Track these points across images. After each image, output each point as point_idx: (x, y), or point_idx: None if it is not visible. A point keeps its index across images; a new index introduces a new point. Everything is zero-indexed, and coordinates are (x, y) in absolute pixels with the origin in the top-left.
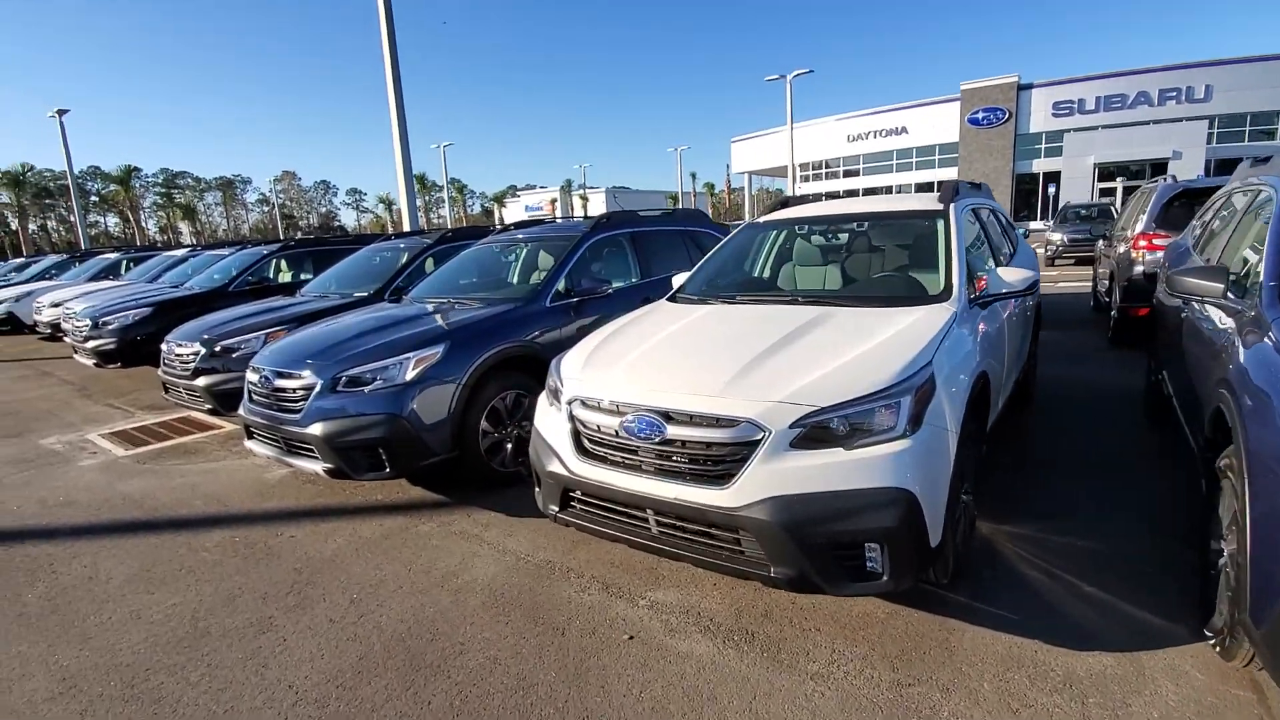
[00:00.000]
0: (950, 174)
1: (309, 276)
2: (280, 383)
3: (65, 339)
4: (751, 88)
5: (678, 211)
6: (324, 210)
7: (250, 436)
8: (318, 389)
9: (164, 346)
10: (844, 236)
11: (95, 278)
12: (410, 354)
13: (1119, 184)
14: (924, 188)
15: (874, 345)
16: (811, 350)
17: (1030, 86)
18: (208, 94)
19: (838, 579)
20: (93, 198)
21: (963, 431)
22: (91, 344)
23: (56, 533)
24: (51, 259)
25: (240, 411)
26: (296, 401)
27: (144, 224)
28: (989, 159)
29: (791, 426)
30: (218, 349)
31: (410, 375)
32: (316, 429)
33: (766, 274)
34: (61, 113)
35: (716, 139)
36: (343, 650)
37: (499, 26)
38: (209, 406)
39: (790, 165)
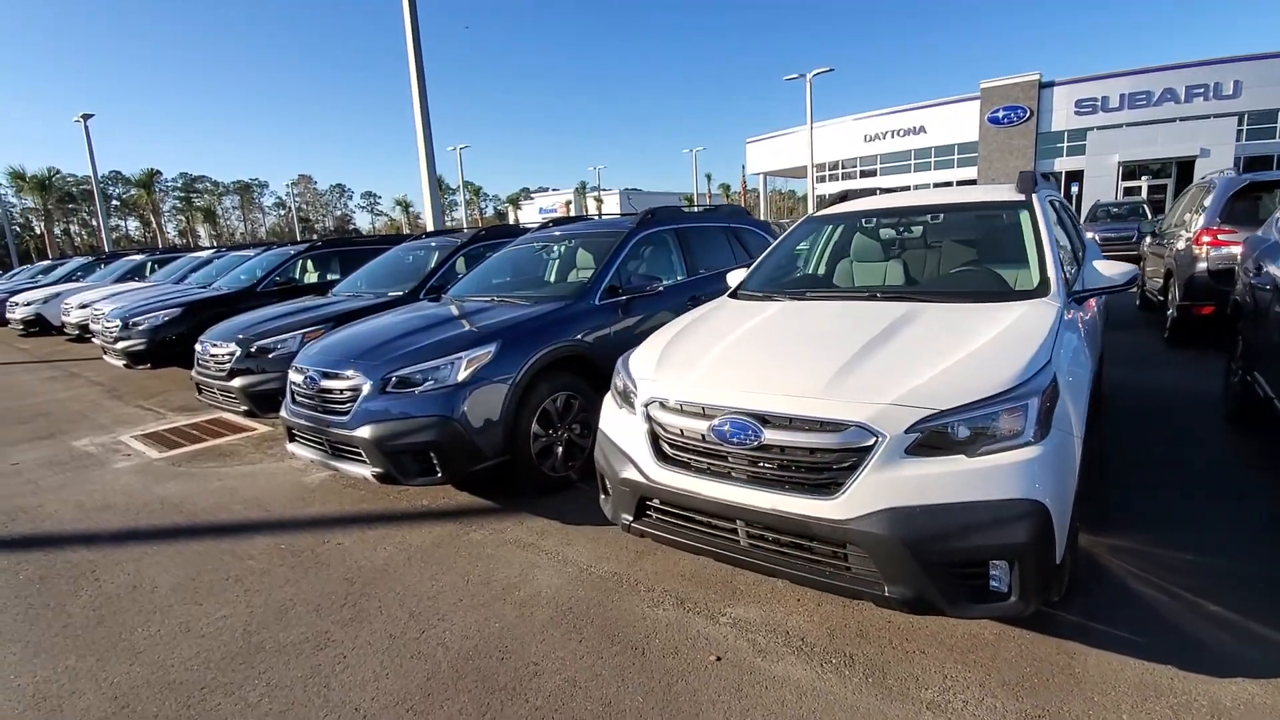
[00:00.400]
0: (970, 174)
1: (336, 277)
2: (326, 383)
3: (94, 340)
4: (767, 89)
5: (722, 208)
6: (339, 213)
7: (293, 439)
8: (366, 390)
9: (198, 347)
10: (917, 230)
11: (121, 279)
12: (462, 354)
13: (1144, 183)
14: (943, 187)
15: (984, 343)
16: (914, 349)
17: (1052, 84)
18: (225, 99)
19: (960, 600)
20: (114, 202)
21: (1086, 435)
22: (121, 345)
23: (96, 538)
24: (77, 261)
25: (282, 413)
26: (344, 403)
27: (164, 227)
28: (1009, 158)
29: (908, 431)
30: (254, 349)
31: (462, 376)
32: (365, 432)
33: (834, 270)
34: (86, 117)
35: (732, 140)
36: (408, 669)
37: (513, 30)
38: (245, 408)
39: (809, 165)
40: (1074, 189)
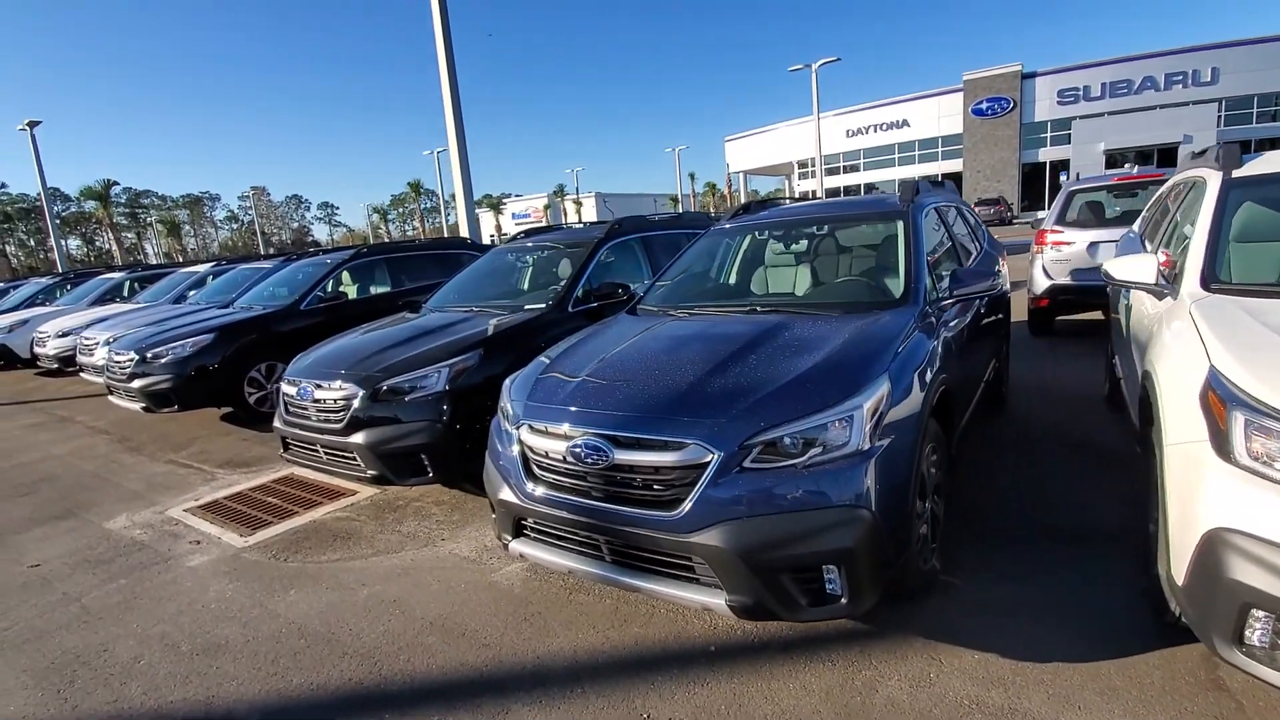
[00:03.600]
0: (955, 166)
1: (384, 289)
2: (629, 457)
3: (81, 374)
4: (751, 84)
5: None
6: (296, 225)
7: (521, 535)
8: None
9: (288, 389)
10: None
11: (99, 301)
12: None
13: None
14: (927, 180)
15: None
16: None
17: (1034, 75)
18: (165, 111)
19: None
20: (53, 220)
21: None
22: (139, 383)
23: None
24: (36, 283)
25: (500, 493)
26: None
27: (119, 243)
28: (994, 149)
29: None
30: (384, 388)
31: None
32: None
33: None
34: (33, 125)
35: (717, 137)
36: None
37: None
38: (375, 472)
39: (818, 157)
40: (1062, 177)
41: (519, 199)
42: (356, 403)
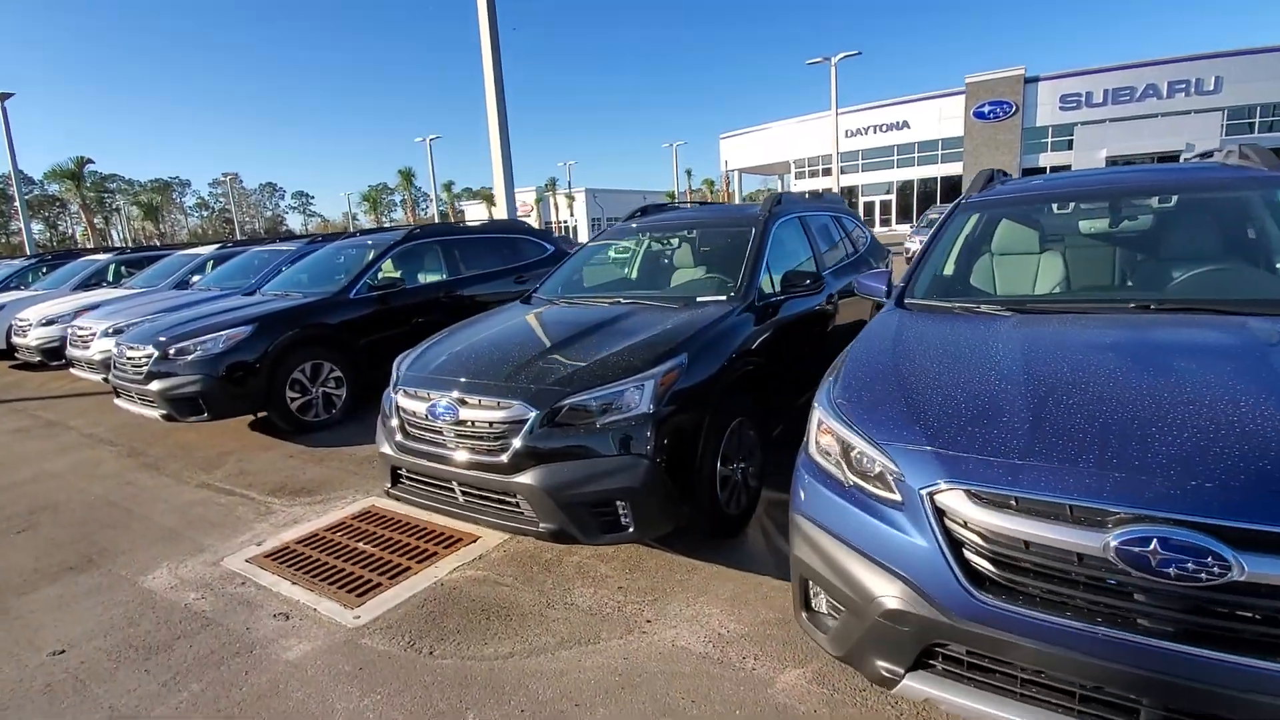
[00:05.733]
0: (955, 169)
1: (438, 277)
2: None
3: (72, 369)
4: (751, 80)
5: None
6: (269, 214)
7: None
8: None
9: (411, 403)
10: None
11: (84, 287)
12: None
13: None
14: (926, 183)
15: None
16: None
17: (1036, 79)
18: (129, 92)
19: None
20: (14, 203)
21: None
22: (159, 385)
23: None
24: (9, 265)
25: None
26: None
27: (93, 227)
28: (995, 153)
29: (553, 408)
30: (564, 408)
31: None
32: None
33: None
34: (3, 98)
35: (714, 135)
36: None
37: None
38: (552, 527)
39: (834, 154)
40: None
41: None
42: (526, 429)
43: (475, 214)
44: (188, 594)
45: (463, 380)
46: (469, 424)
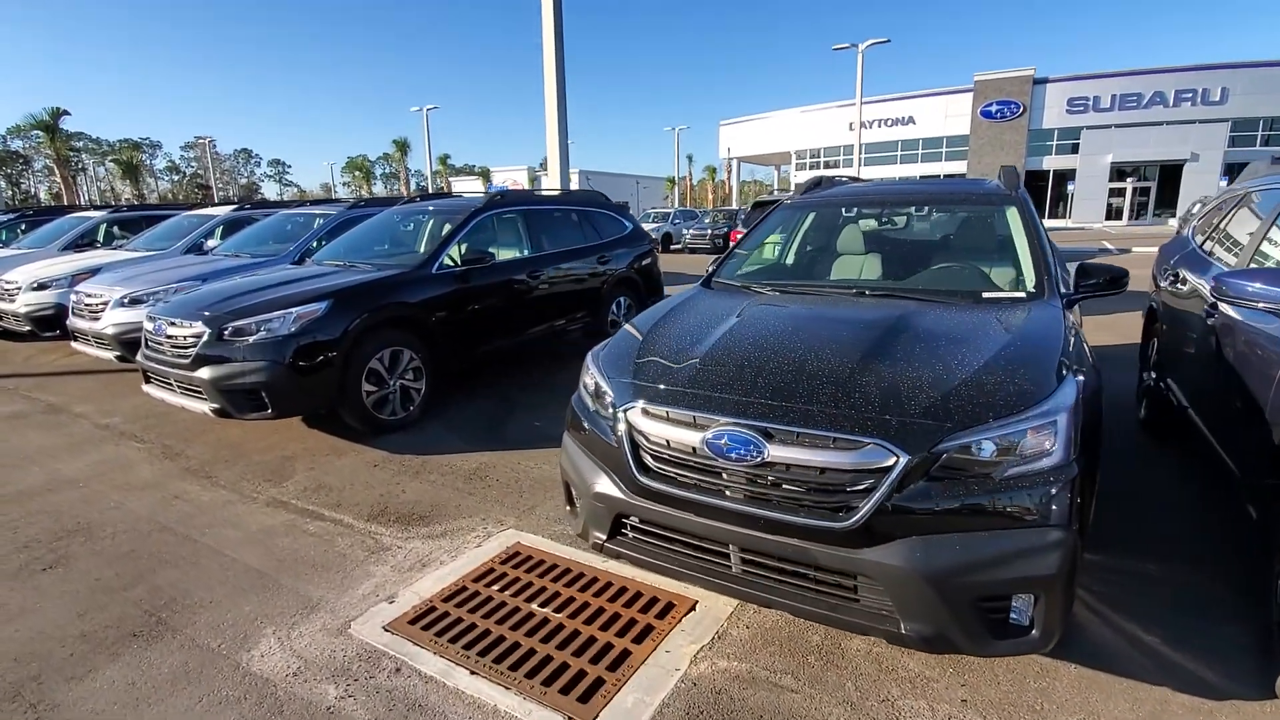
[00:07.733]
0: (959, 167)
1: (517, 253)
2: None
3: (74, 341)
4: (756, 68)
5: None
6: (244, 181)
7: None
8: None
9: (663, 427)
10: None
11: (73, 247)
12: None
13: (1129, 184)
14: (929, 180)
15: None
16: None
17: (1045, 81)
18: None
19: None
20: None
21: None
22: (211, 373)
23: None
24: None
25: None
26: None
27: (67, 183)
28: (1000, 153)
29: (932, 451)
30: (946, 452)
31: None
32: None
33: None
34: None
35: (714, 122)
36: None
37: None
38: (958, 636)
39: (857, 145)
40: (1070, 188)
41: (499, 170)
42: (890, 481)
43: (466, 188)
44: (323, 686)
45: (767, 402)
46: (781, 468)
